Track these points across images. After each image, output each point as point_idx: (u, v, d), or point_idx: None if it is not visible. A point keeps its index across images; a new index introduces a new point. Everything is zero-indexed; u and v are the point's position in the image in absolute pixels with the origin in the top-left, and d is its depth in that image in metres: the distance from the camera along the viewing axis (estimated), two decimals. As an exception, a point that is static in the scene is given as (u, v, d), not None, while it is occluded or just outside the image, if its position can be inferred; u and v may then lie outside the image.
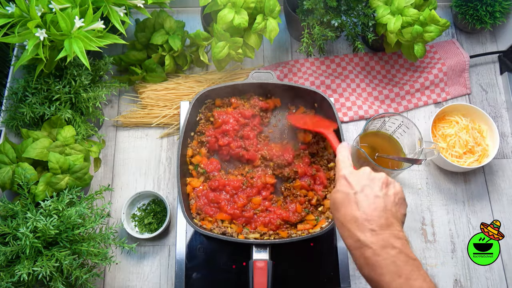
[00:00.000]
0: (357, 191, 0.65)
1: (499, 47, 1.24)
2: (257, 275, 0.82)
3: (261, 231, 0.91)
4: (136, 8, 0.98)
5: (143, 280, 1.01)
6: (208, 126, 1.02)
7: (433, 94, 1.19)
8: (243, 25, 0.99)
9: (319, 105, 1.04)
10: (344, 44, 1.25)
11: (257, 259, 0.84)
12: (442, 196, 1.10)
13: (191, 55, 1.16)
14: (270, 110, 1.07)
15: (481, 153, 1.07)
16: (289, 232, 0.91)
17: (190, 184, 0.97)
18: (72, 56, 0.84)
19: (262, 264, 0.83)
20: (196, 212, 0.95)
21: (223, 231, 0.91)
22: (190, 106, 0.98)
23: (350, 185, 0.67)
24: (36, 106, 0.95)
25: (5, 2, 0.85)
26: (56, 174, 0.88)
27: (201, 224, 0.92)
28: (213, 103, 1.04)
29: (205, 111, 1.03)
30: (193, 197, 0.96)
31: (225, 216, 0.93)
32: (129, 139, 1.14)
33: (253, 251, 0.86)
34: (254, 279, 0.82)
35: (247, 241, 0.87)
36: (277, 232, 0.92)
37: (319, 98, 1.01)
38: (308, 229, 0.91)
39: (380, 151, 1.00)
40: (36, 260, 0.80)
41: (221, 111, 1.01)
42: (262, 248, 0.86)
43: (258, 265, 0.83)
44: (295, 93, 1.03)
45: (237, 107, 1.03)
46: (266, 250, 0.86)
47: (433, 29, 1.03)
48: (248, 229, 0.92)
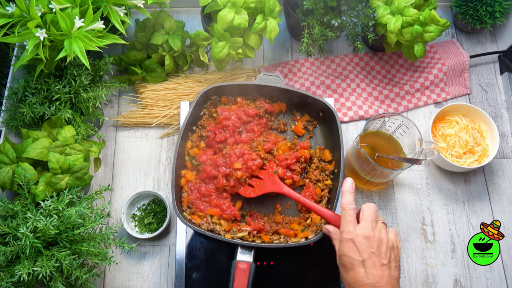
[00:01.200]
0: (365, 259, 0.70)
1: (499, 47, 1.24)
2: (238, 276, 0.82)
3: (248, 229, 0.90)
4: (136, 8, 0.98)
5: (143, 280, 1.01)
6: (210, 121, 1.01)
7: (433, 94, 1.19)
8: (243, 25, 0.99)
9: (323, 115, 1.02)
10: (344, 44, 1.25)
11: (240, 260, 0.83)
12: (442, 196, 1.10)
13: (191, 55, 1.16)
14: (274, 114, 1.05)
15: (481, 153, 1.07)
16: (271, 237, 0.90)
17: (185, 176, 0.96)
18: (72, 56, 0.84)
19: (245, 266, 0.82)
20: (187, 205, 0.94)
21: (211, 228, 0.90)
22: (196, 100, 0.97)
23: (358, 251, 0.71)
24: (36, 106, 0.95)
25: (5, 2, 0.85)
26: (56, 174, 0.88)
27: (190, 218, 0.92)
28: (219, 99, 1.03)
29: (210, 107, 1.03)
30: (186, 190, 0.95)
31: (215, 212, 0.92)
32: (129, 139, 1.14)
33: (238, 251, 0.85)
34: (235, 280, 0.81)
35: (233, 241, 0.86)
36: (260, 235, 0.91)
37: (326, 108, 0.98)
38: (290, 236, 0.90)
39: (380, 151, 1.00)
40: (36, 260, 0.80)
41: (224, 108, 1.01)
42: (247, 250, 0.85)
43: (240, 267, 0.82)
44: (301, 100, 1.01)
45: (241, 106, 1.02)
46: (250, 253, 0.85)
47: (433, 29, 1.03)
48: (235, 228, 0.91)
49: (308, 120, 1.05)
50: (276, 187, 0.92)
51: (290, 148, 1.00)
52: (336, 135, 0.95)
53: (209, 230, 0.90)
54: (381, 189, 1.10)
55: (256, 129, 1.00)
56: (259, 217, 0.95)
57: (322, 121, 1.03)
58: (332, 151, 0.99)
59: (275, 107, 1.05)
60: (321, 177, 0.98)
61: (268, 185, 0.93)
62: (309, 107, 1.03)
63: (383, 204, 1.08)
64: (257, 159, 0.94)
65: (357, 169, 1.02)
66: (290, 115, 1.07)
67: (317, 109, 1.02)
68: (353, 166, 1.02)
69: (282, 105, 1.06)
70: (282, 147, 0.99)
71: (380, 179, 1.00)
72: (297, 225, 0.93)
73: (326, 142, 1.02)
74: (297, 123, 1.04)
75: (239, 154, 0.94)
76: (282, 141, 1.01)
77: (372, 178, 1.00)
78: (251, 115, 1.01)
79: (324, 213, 0.83)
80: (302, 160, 0.98)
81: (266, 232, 0.91)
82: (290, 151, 0.99)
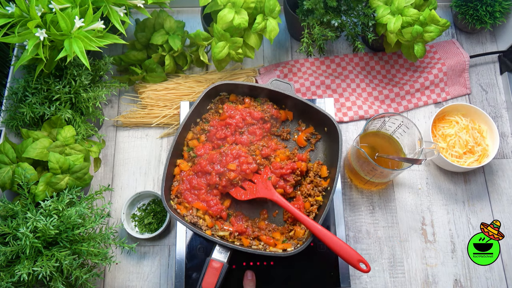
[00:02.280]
0: None
1: (499, 47, 1.24)
2: (208, 273, 0.82)
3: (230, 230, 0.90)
4: (136, 8, 0.98)
5: (143, 280, 1.01)
6: (215, 116, 1.01)
7: (433, 94, 1.19)
8: (243, 25, 0.99)
9: (328, 131, 0.99)
10: (344, 44, 1.25)
11: (215, 259, 0.83)
12: (442, 196, 1.10)
13: (191, 55, 1.16)
14: (280, 121, 1.04)
15: (481, 153, 1.07)
16: (251, 242, 0.90)
17: (180, 166, 0.96)
18: (72, 56, 0.84)
19: (218, 265, 0.82)
20: (176, 194, 0.94)
21: (194, 221, 0.90)
22: (205, 92, 0.96)
23: None
24: (36, 106, 0.95)
25: (5, 2, 0.85)
26: (56, 174, 0.88)
27: (176, 208, 0.91)
28: (227, 96, 1.02)
29: (217, 102, 1.02)
30: (178, 179, 0.95)
31: (201, 206, 0.92)
32: (129, 139, 1.14)
33: (215, 249, 0.85)
34: (205, 277, 0.81)
35: (212, 238, 0.86)
36: (240, 237, 0.90)
37: (332, 125, 0.96)
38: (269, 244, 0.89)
39: (380, 151, 1.00)
40: (36, 260, 0.80)
41: (231, 105, 1.00)
42: (224, 250, 0.85)
43: (214, 265, 0.82)
44: (308, 111, 1.00)
45: (248, 107, 1.01)
46: (227, 253, 0.84)
47: (433, 29, 1.03)
48: (218, 226, 0.91)
49: (312, 133, 1.03)
50: (268, 193, 0.91)
51: (289, 158, 0.98)
52: (336, 154, 0.93)
53: (191, 223, 0.89)
54: (381, 189, 1.10)
55: (258, 133, 0.99)
56: (244, 220, 0.94)
57: (326, 137, 1.01)
58: (330, 169, 0.97)
59: (281, 114, 1.03)
60: (313, 192, 0.95)
61: (260, 190, 0.93)
62: (315, 120, 1.01)
63: (383, 204, 1.08)
64: (252, 163, 0.93)
65: (357, 169, 1.02)
66: (295, 125, 1.05)
67: (323, 123, 0.99)
68: (353, 166, 1.02)
69: (289, 113, 1.04)
70: (280, 155, 0.97)
71: (380, 179, 1.00)
72: (279, 235, 0.92)
73: (326, 158, 1.00)
74: (301, 134, 1.03)
75: (235, 155, 0.93)
76: (281, 149, 0.99)
77: (372, 178, 1.00)
78: (256, 118, 1.00)
79: (312, 226, 0.83)
80: (298, 173, 0.96)
81: (247, 236, 0.91)
82: (287, 160, 0.97)
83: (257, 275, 0.92)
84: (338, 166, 0.91)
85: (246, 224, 0.93)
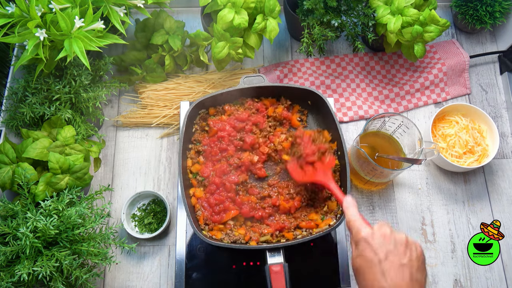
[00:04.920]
0: (381, 259, 0.63)
1: (499, 47, 1.24)
2: (274, 279, 0.81)
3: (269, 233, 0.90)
4: (136, 8, 0.98)
5: (143, 280, 1.01)
6: (203, 135, 1.00)
7: (433, 94, 1.19)
8: (243, 25, 0.99)
9: (312, 103, 1.03)
10: (344, 44, 1.25)
11: (272, 263, 0.83)
12: (442, 196, 1.10)
13: (191, 55, 1.16)
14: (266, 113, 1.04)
15: (481, 153, 1.07)
16: (294, 233, 0.90)
17: (195, 195, 0.95)
18: (72, 56, 0.84)
19: (278, 268, 0.82)
20: (204, 222, 0.93)
21: (233, 240, 0.89)
22: (185, 121, 0.96)
23: (373, 250, 0.64)
24: (36, 106, 0.95)
25: (5, 2, 0.85)
26: (56, 174, 0.88)
27: (210, 235, 0.90)
28: (206, 112, 1.02)
29: (200, 122, 1.01)
30: (199, 208, 0.94)
31: (233, 214, 0.92)
32: (129, 139, 1.14)
33: (267, 255, 0.84)
34: (272, 284, 0.81)
35: (261, 246, 0.86)
36: (282, 234, 0.90)
37: (311, 95, 1.00)
38: (312, 228, 0.90)
39: (380, 151, 1.00)
40: (36, 260, 0.80)
41: (216, 120, 1.00)
42: (276, 252, 0.84)
43: (274, 270, 0.82)
44: (288, 93, 1.02)
45: (231, 113, 1.01)
46: (280, 253, 0.84)
47: (433, 29, 1.03)
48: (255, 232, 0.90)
49: (299, 110, 1.05)
50: (326, 179, 0.88)
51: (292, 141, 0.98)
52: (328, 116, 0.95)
53: (232, 242, 0.89)
54: (381, 189, 1.10)
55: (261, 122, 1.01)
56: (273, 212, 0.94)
57: (314, 108, 1.04)
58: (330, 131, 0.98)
59: (266, 103, 1.04)
60: None
61: (319, 174, 0.90)
62: (297, 99, 1.04)
63: (383, 204, 1.08)
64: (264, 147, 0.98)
65: (357, 169, 1.02)
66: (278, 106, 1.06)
67: (303, 98, 1.02)
68: (353, 166, 1.02)
69: (272, 101, 1.05)
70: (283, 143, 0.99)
71: (380, 179, 1.00)
72: (315, 215, 0.93)
73: (320, 127, 1.02)
74: (292, 116, 1.03)
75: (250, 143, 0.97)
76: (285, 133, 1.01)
77: (372, 178, 1.00)
78: (243, 119, 1.00)
79: None
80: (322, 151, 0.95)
81: (288, 230, 0.91)
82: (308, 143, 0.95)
83: (257, 275, 0.92)
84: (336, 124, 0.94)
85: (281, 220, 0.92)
